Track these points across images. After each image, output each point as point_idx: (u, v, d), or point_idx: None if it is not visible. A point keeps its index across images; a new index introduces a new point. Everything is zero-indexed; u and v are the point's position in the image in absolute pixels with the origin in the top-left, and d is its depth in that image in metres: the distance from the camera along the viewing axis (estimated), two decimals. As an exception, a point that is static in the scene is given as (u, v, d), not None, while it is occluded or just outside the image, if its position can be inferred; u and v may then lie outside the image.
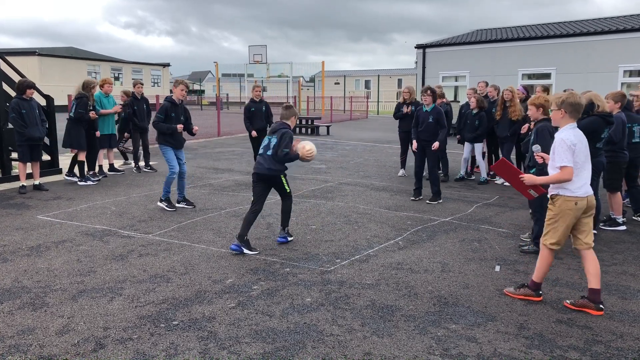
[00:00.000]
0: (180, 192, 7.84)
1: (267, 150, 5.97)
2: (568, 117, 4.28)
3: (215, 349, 3.60)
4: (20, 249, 5.78)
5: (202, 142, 17.73)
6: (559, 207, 4.28)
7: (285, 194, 6.14)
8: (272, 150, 5.91)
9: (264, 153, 5.99)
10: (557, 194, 4.30)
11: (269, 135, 6.08)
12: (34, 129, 8.67)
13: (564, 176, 4.18)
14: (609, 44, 19.82)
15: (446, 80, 23.74)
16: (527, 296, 4.49)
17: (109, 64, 43.27)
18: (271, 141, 5.98)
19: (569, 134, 4.22)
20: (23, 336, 3.75)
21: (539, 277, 4.48)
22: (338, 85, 59.63)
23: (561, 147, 4.18)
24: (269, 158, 5.92)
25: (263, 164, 5.95)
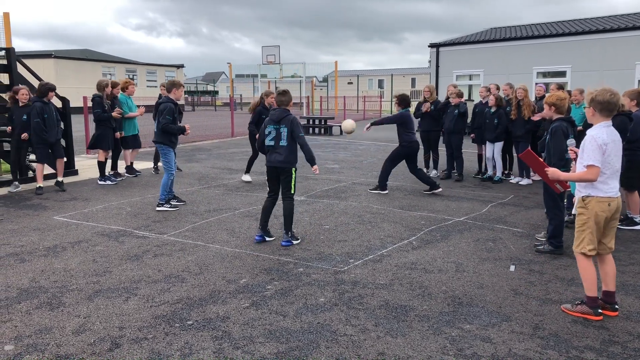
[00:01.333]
0: (171, 190, 7.90)
1: (279, 140, 5.87)
2: (599, 115, 4.08)
3: (229, 348, 3.62)
4: (37, 249, 5.85)
5: (215, 142, 17.81)
6: (592, 209, 4.08)
7: (288, 193, 6.01)
8: (285, 140, 5.84)
9: (276, 144, 5.88)
10: (589, 195, 4.10)
11: (273, 125, 5.91)
12: (52, 133, 8.87)
13: (589, 176, 3.99)
14: (624, 41, 19.58)
15: (460, 79, 23.61)
16: (585, 314, 4.12)
17: (124, 66, 43.62)
18: (281, 130, 5.86)
19: (601, 132, 4.02)
20: (40, 335, 3.80)
21: (592, 289, 4.13)
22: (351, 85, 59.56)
23: (591, 145, 3.99)
24: (285, 148, 5.86)
25: (278, 155, 5.88)
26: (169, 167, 7.72)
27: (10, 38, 10.17)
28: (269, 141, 5.94)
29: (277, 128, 5.90)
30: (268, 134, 5.96)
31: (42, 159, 8.95)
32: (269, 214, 6.11)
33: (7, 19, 10.04)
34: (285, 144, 5.86)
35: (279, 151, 5.89)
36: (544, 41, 21.49)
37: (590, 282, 4.13)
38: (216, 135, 19.85)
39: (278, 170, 5.97)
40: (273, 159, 5.93)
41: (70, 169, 10.59)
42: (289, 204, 6.01)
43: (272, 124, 5.94)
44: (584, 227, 4.15)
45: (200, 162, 12.87)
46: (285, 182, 5.99)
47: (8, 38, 10.08)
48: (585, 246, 4.14)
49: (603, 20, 22.54)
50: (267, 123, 6.00)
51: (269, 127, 5.96)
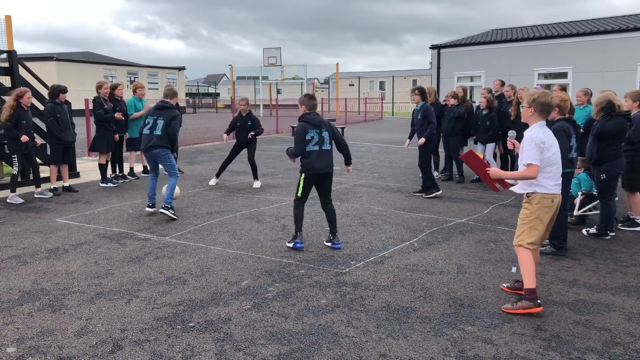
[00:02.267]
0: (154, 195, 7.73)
1: (323, 144, 5.77)
2: (537, 115, 4.28)
3: (231, 350, 3.62)
4: (39, 251, 5.86)
5: (217, 144, 17.82)
6: (537, 205, 4.25)
7: (330, 197, 6.06)
8: (328, 144, 5.84)
9: (320, 149, 5.76)
10: (534, 192, 4.27)
11: (316, 130, 5.77)
12: (67, 132, 8.95)
13: (530, 173, 4.17)
14: (626, 42, 19.57)
15: (461, 81, 23.60)
16: (526, 309, 4.19)
17: (125, 68, 43.68)
18: (323, 134, 5.80)
19: (537, 132, 4.20)
20: (42, 337, 3.81)
21: (530, 282, 4.25)
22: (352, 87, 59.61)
23: (529, 145, 4.17)
24: (330, 152, 5.86)
25: (327, 160, 5.84)
26: (175, 171, 7.63)
27: (12, 41, 10.18)
28: (313, 146, 5.75)
29: (317, 132, 5.78)
30: (311, 139, 5.76)
31: (55, 160, 9.04)
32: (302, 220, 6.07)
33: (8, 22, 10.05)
34: (328, 147, 5.83)
35: (327, 155, 5.84)
36: (546, 42, 21.49)
37: (529, 274, 4.26)
38: (217, 137, 19.85)
39: (327, 175, 5.92)
40: (324, 163, 5.81)
41: (72, 172, 10.60)
42: (332, 205, 6.10)
43: (315, 128, 5.79)
44: (525, 221, 4.32)
45: (201, 164, 12.88)
46: (329, 185, 6.01)
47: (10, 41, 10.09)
48: (525, 239, 4.29)
49: (604, 22, 22.53)
50: (308, 128, 5.78)
51: (312, 132, 5.78)
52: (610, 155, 6.23)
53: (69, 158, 9.28)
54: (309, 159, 5.77)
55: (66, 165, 9.32)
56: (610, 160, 6.23)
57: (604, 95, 6.37)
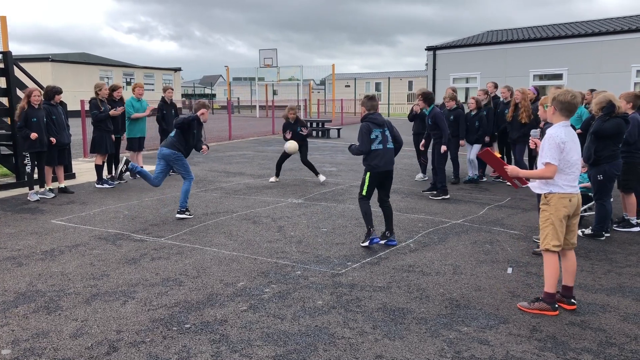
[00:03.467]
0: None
1: (387, 143, 5.93)
2: (559, 114, 4.22)
3: (227, 352, 3.62)
4: (34, 253, 5.84)
5: (213, 145, 17.81)
6: (554, 206, 4.20)
7: (389, 194, 6.23)
8: (390, 143, 5.95)
9: (384, 147, 5.90)
10: (551, 192, 4.22)
11: (379, 129, 5.92)
12: (62, 134, 8.94)
13: (547, 173, 4.12)
14: (621, 44, 19.66)
15: (457, 82, 23.66)
16: (542, 311, 4.23)
17: (121, 69, 43.58)
18: (386, 133, 5.94)
19: (559, 132, 4.14)
20: (38, 339, 3.79)
21: (552, 285, 4.24)
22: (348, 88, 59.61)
23: (549, 144, 4.12)
24: (392, 151, 6.00)
25: (390, 158, 5.98)
26: (188, 173, 7.49)
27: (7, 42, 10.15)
28: (377, 144, 5.88)
29: (381, 131, 5.92)
30: (375, 138, 5.88)
31: (50, 162, 9.00)
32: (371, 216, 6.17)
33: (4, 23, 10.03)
34: (391, 146, 5.97)
35: (389, 153, 5.96)
36: (541, 44, 21.56)
37: (552, 279, 4.23)
38: (214, 138, 19.84)
39: (389, 173, 6.05)
40: (387, 161, 5.94)
41: (68, 172, 10.58)
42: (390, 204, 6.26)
43: (379, 127, 5.93)
44: (546, 223, 4.25)
45: (197, 165, 12.87)
46: (389, 184, 6.18)
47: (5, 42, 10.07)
48: (549, 242, 4.22)
49: (599, 23, 22.62)
50: (372, 127, 5.91)
51: (377, 131, 5.91)
52: (609, 157, 6.25)
53: (64, 159, 9.27)
54: (374, 157, 5.91)
55: (61, 166, 9.30)
56: (609, 162, 6.25)
57: (604, 95, 6.40)
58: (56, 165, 9.14)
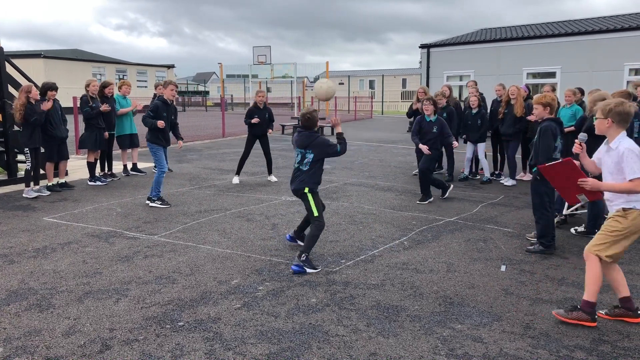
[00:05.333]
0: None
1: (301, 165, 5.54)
2: (617, 126, 4.01)
3: (220, 349, 3.61)
4: (26, 250, 5.80)
5: (206, 143, 17.76)
6: (633, 222, 3.95)
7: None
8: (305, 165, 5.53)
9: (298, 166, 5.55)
10: (633, 208, 3.95)
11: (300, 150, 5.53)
12: (59, 129, 8.95)
13: (636, 188, 3.85)
14: (614, 42, 19.73)
15: (451, 80, 23.68)
16: (581, 321, 3.99)
17: (114, 66, 43.37)
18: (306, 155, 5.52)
19: (631, 144, 3.92)
20: (30, 337, 3.77)
21: (593, 294, 4.00)
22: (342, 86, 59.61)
23: (631, 158, 3.86)
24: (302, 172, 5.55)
25: (295, 178, 5.58)
26: (160, 165, 7.92)
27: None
28: (295, 163, 5.61)
29: (302, 152, 5.55)
30: (296, 156, 5.63)
31: (50, 157, 9.04)
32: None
33: (-5, 19, 9.95)
34: (306, 168, 5.51)
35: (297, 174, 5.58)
36: (534, 42, 21.61)
37: (595, 286, 4.01)
38: (207, 135, 19.79)
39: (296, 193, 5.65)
40: (292, 182, 5.64)
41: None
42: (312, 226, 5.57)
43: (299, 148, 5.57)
44: (613, 233, 4.02)
45: (191, 163, 12.83)
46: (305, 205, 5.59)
47: (-4, 38, 10.00)
48: (605, 251, 4.02)
49: (592, 22, 22.70)
50: (295, 144, 5.64)
51: (296, 151, 5.62)
52: None
53: (63, 154, 9.22)
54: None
55: (64, 161, 9.32)
56: None
57: (601, 94, 6.43)
58: (57, 161, 9.14)
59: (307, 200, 5.50)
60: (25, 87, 8.49)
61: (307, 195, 5.50)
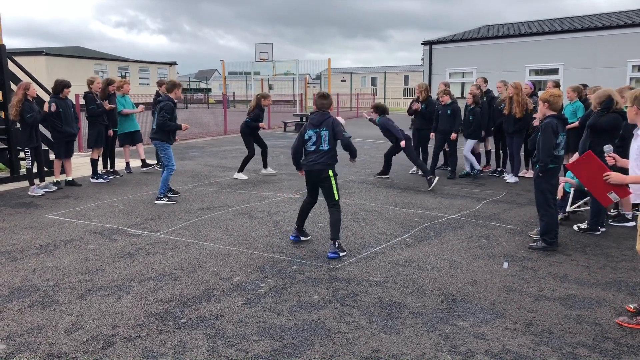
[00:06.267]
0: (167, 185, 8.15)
1: (319, 145, 5.54)
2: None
3: (223, 346, 3.61)
4: (29, 247, 5.81)
5: (209, 140, 17.76)
6: None
7: (333, 201, 5.63)
8: (326, 144, 5.53)
9: (316, 148, 5.54)
10: None
11: (314, 129, 5.57)
12: (70, 126, 8.99)
13: None
14: (617, 38, 19.66)
15: (453, 77, 23.64)
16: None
17: (116, 63, 43.37)
18: (321, 134, 5.54)
19: None
20: (33, 334, 3.78)
21: None
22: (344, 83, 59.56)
23: None
24: (324, 153, 5.55)
25: (317, 159, 5.55)
26: (170, 162, 7.98)
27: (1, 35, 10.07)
28: (310, 146, 5.58)
29: (317, 132, 5.58)
30: (308, 139, 5.60)
31: (59, 155, 9.09)
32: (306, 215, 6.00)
33: (-3, 16, 9.94)
34: (325, 148, 5.54)
35: (318, 155, 5.57)
36: (537, 39, 21.55)
37: None
38: (209, 132, 19.80)
39: (315, 175, 5.64)
40: (313, 163, 5.58)
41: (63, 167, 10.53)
42: (334, 211, 5.61)
43: (312, 128, 5.61)
44: None
45: (193, 160, 12.84)
46: (325, 188, 5.62)
47: (-1, 35, 9.98)
48: None
49: (596, 18, 22.63)
50: (307, 127, 5.66)
51: (309, 132, 5.62)
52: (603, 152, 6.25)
53: (70, 152, 9.26)
54: (305, 158, 5.76)
55: (69, 159, 9.33)
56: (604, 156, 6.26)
57: (605, 91, 6.42)
58: (64, 158, 9.17)
59: (329, 183, 5.57)
60: (24, 84, 8.49)
61: (330, 178, 5.57)
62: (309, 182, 5.82)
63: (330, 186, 5.57)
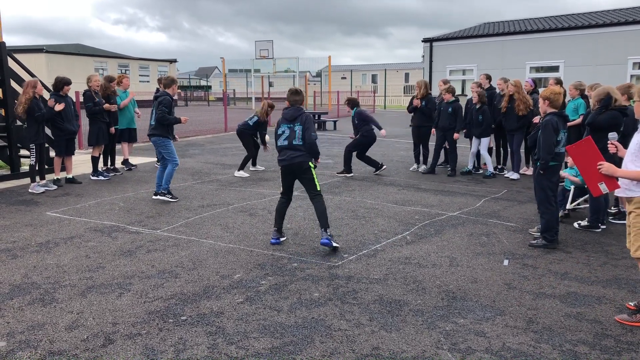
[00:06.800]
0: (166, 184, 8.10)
1: (293, 139, 5.62)
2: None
3: (223, 344, 3.61)
4: (29, 245, 5.81)
5: (209, 137, 17.76)
6: None
7: (314, 191, 5.75)
8: (300, 139, 5.61)
9: (289, 143, 5.63)
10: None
11: (288, 124, 5.68)
12: (70, 123, 9.02)
13: None
14: (617, 36, 19.65)
15: (453, 74, 23.63)
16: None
17: (116, 61, 43.32)
18: (295, 129, 5.63)
19: None
20: (33, 332, 3.78)
21: None
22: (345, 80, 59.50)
23: None
24: (299, 147, 5.63)
25: (293, 154, 5.62)
26: (173, 157, 7.99)
27: (1, 32, 10.06)
28: (282, 141, 5.69)
29: (290, 127, 5.68)
30: (281, 134, 5.72)
31: (59, 152, 9.11)
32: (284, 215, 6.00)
33: (-3, 13, 9.92)
34: (300, 142, 5.63)
35: (293, 150, 5.65)
36: (537, 36, 21.53)
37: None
38: (209, 130, 19.79)
39: (294, 168, 5.71)
40: (290, 157, 5.66)
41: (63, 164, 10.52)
42: (319, 200, 5.74)
43: (285, 122, 5.72)
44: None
45: (193, 157, 12.83)
46: (307, 180, 5.74)
47: (-2, 32, 9.97)
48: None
49: (596, 15, 22.60)
50: (280, 122, 5.77)
51: (282, 127, 5.73)
52: (603, 149, 6.24)
53: (70, 149, 9.26)
54: (279, 154, 5.83)
55: (70, 157, 9.34)
56: (604, 154, 6.25)
57: (604, 88, 6.41)
58: (64, 156, 9.19)
59: (310, 175, 5.72)
60: (32, 81, 8.51)
61: (311, 169, 5.71)
62: (287, 179, 5.89)
63: (311, 177, 5.72)
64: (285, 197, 5.97)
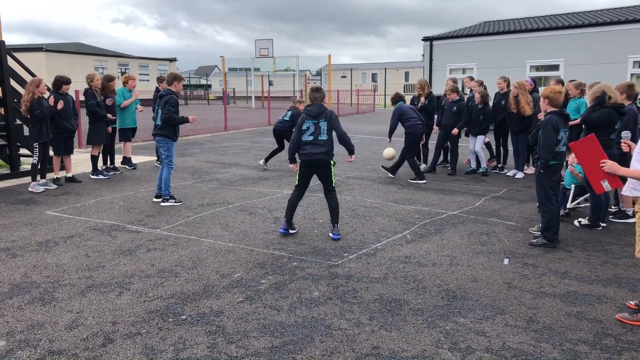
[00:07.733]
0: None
1: (319, 135, 5.90)
2: None
3: (223, 343, 3.61)
4: (29, 244, 5.81)
5: (209, 136, 17.75)
6: None
7: (331, 187, 6.09)
8: (325, 134, 5.91)
9: (314, 139, 5.89)
10: None
11: (312, 120, 5.92)
12: (69, 121, 8.99)
13: None
14: (617, 34, 19.62)
15: (453, 73, 23.58)
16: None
17: (116, 59, 43.31)
18: (320, 125, 5.91)
19: None
20: (33, 331, 3.77)
21: None
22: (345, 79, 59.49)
23: None
24: (325, 142, 5.92)
25: (319, 149, 5.90)
26: (170, 161, 7.74)
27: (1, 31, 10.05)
28: (308, 136, 5.92)
29: (315, 123, 5.93)
30: (306, 129, 5.94)
31: (57, 151, 9.07)
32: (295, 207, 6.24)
33: (-4, 12, 9.91)
34: (324, 137, 5.92)
35: (319, 145, 5.92)
36: (538, 35, 21.50)
37: None
38: (209, 129, 19.79)
39: (317, 163, 5.97)
40: (314, 152, 5.91)
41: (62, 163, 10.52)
42: (333, 197, 6.10)
43: (310, 119, 5.94)
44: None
45: (193, 156, 12.83)
46: (325, 176, 6.04)
47: (-2, 31, 9.97)
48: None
49: (597, 14, 22.57)
50: (304, 119, 5.98)
51: (307, 123, 5.94)
52: None
53: (69, 148, 9.24)
54: (303, 148, 6.03)
55: (69, 156, 9.32)
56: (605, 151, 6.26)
57: (599, 86, 6.43)
58: (63, 155, 9.16)
59: (330, 171, 6.02)
60: (35, 80, 8.47)
61: (330, 165, 6.01)
62: (306, 173, 6.11)
63: (330, 173, 6.02)
64: (300, 191, 6.17)
